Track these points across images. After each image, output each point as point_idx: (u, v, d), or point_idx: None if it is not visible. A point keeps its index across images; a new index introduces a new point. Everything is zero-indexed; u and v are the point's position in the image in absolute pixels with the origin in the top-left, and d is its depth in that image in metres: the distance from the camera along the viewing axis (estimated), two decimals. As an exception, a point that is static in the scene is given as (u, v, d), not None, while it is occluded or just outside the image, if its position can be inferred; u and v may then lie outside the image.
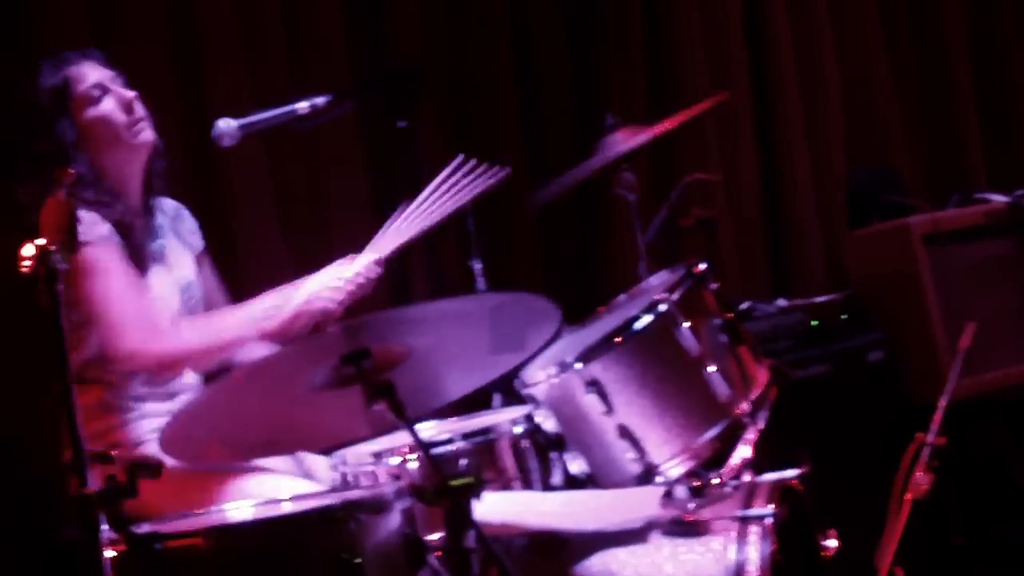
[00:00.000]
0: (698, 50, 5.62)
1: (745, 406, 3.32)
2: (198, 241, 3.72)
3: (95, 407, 3.35)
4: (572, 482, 3.38)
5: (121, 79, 3.54)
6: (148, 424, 3.37)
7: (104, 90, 3.47)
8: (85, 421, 3.28)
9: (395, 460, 3.11)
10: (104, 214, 3.38)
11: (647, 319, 3.31)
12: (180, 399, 3.43)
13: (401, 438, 3.03)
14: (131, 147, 3.48)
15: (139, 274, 3.42)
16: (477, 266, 3.89)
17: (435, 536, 2.71)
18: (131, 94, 3.49)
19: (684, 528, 3.02)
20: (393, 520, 2.56)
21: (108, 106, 3.46)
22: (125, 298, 3.32)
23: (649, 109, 5.35)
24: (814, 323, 4.99)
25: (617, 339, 3.30)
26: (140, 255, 3.44)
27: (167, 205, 3.67)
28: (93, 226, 3.33)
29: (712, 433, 3.30)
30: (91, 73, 3.48)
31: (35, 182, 3.09)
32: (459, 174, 3.42)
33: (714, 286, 3.44)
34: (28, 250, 2.33)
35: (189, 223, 3.72)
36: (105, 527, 2.27)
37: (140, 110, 3.49)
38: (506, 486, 3.29)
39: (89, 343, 3.37)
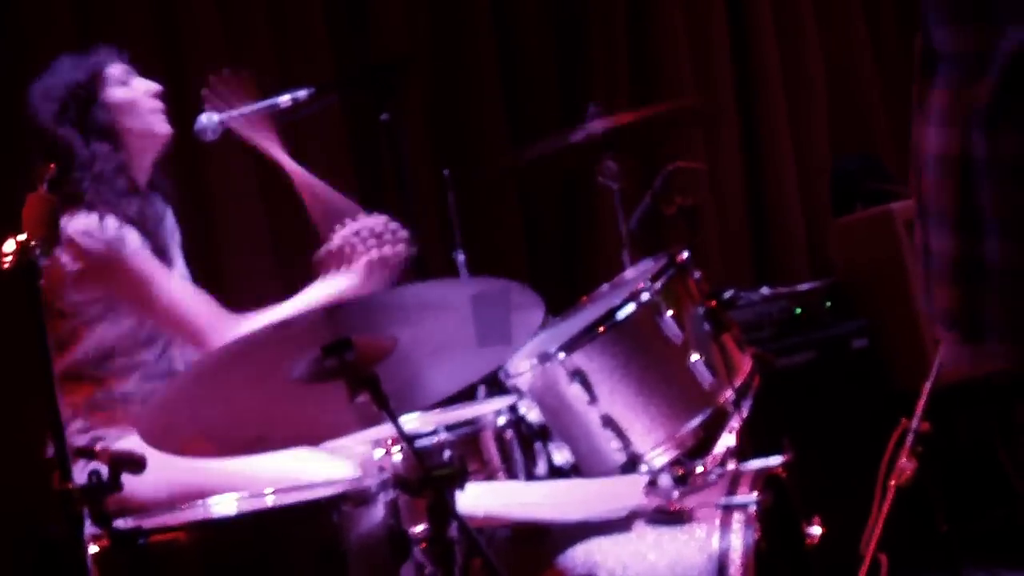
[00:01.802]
0: (681, 39, 5.62)
1: (729, 394, 3.33)
2: (176, 232, 3.72)
3: (83, 405, 3.35)
4: (556, 472, 3.39)
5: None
6: None
7: (131, 75, 3.56)
8: (72, 417, 3.32)
9: (379, 452, 3.12)
10: (123, 215, 3.39)
11: (630, 308, 3.31)
12: None
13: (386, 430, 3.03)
14: (151, 136, 3.53)
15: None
16: (460, 258, 3.89)
17: (419, 528, 2.71)
18: (158, 86, 3.58)
19: (668, 516, 3.02)
20: (377, 512, 2.56)
21: (138, 89, 3.54)
22: (190, 301, 3.41)
23: (633, 99, 5.36)
24: (798, 311, 5.00)
25: (600, 329, 3.31)
26: (163, 247, 3.48)
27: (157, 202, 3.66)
28: (127, 238, 3.36)
29: (696, 422, 3.31)
30: (117, 63, 3.55)
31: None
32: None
33: (697, 274, 3.45)
34: (9, 245, 2.33)
35: (170, 216, 3.71)
36: (88, 522, 2.27)
37: (162, 103, 3.57)
38: (490, 477, 3.30)
39: (87, 342, 3.38)
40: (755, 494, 3.02)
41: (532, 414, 3.37)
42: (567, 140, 4.10)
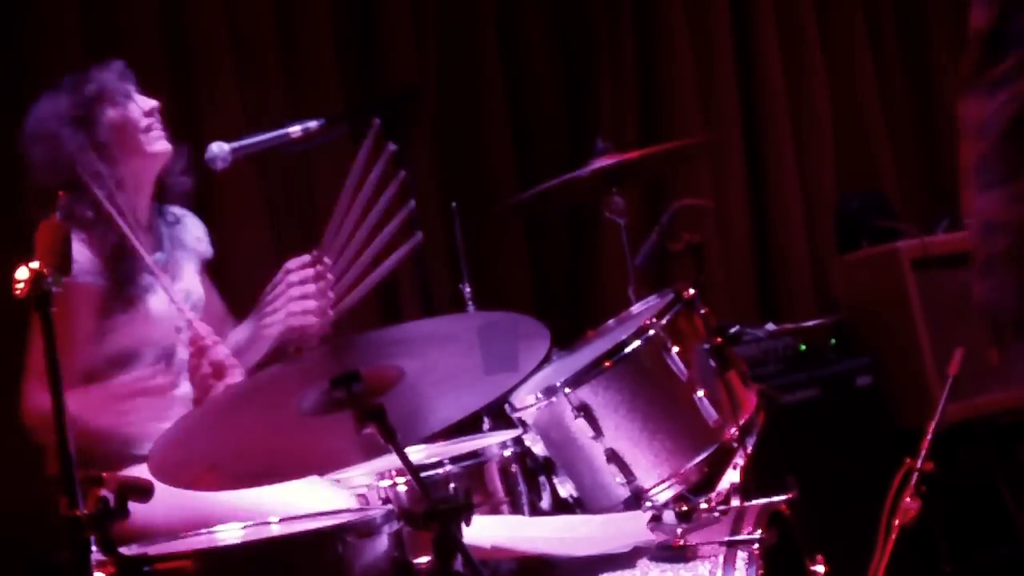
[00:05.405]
0: (689, 77, 5.65)
1: (733, 431, 3.33)
2: (205, 248, 3.70)
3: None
4: (561, 506, 3.39)
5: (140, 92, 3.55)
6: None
7: (128, 95, 3.48)
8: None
9: (385, 483, 3.12)
10: (101, 238, 3.36)
11: (636, 344, 3.32)
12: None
13: (392, 461, 3.04)
14: (147, 155, 3.46)
15: (127, 302, 3.39)
16: (467, 290, 3.90)
17: (423, 560, 2.71)
18: (154, 102, 3.51)
19: (672, 553, 3.01)
20: (381, 543, 2.56)
21: (131, 109, 3.47)
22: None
23: (640, 135, 5.38)
24: (803, 347, 5.01)
25: (606, 363, 3.32)
26: (133, 278, 3.40)
27: (166, 213, 3.62)
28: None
29: (700, 458, 3.31)
30: (117, 81, 3.49)
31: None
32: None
33: (703, 311, 3.46)
34: (22, 273, 2.34)
35: (195, 229, 3.69)
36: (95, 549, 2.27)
37: (159, 120, 3.50)
38: (495, 510, 3.30)
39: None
40: (759, 531, 3.02)
41: (537, 447, 3.38)
42: (575, 176, 4.11)
